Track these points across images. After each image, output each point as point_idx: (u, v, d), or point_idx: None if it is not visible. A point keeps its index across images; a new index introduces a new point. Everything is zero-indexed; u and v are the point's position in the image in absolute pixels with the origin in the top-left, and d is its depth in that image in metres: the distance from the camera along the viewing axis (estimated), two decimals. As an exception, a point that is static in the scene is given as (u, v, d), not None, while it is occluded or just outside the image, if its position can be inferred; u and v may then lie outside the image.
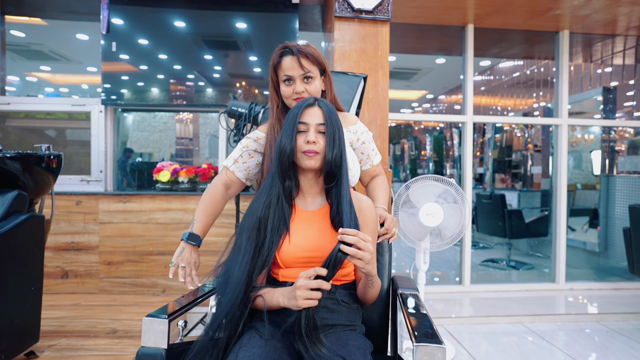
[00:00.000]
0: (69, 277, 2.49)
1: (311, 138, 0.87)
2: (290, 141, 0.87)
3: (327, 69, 1.14)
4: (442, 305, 2.68)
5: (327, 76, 1.14)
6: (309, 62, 1.07)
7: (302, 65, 1.06)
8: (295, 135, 0.88)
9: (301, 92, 1.07)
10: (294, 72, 1.07)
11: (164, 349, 0.74)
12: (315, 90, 1.09)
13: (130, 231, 2.50)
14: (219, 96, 2.75)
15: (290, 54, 1.07)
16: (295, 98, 1.09)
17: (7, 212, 1.45)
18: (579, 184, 4.66)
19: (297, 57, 1.06)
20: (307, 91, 1.08)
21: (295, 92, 1.08)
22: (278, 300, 0.84)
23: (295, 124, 0.88)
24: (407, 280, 1.07)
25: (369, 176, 1.25)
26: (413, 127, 8.65)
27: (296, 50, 1.06)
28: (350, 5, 2.19)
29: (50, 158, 1.74)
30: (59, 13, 2.96)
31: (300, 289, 0.77)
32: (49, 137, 3.11)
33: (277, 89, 1.12)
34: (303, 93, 1.07)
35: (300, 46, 1.07)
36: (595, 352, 2.06)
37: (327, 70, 1.13)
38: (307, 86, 1.08)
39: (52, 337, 1.80)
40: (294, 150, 0.88)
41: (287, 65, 1.07)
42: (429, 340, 0.66)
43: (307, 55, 1.07)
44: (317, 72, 1.10)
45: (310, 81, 1.08)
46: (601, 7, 2.62)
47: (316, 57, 1.09)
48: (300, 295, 0.77)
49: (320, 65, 1.10)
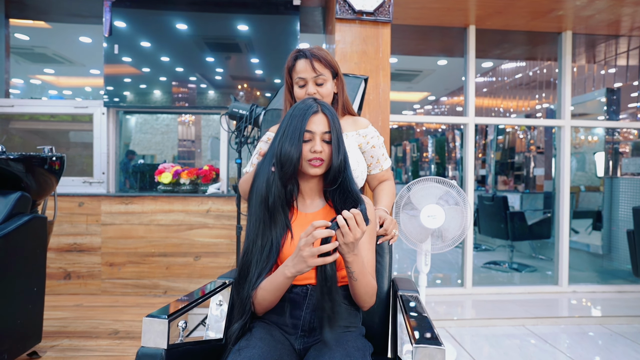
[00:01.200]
0: (71, 278, 2.50)
1: (318, 148, 0.88)
2: (296, 150, 0.87)
3: (340, 73, 1.18)
4: (443, 308, 2.66)
5: (340, 79, 1.18)
6: (321, 66, 1.12)
7: (314, 68, 1.10)
8: (301, 144, 0.87)
9: (313, 94, 1.11)
10: (307, 74, 1.11)
11: (163, 349, 0.74)
12: (327, 92, 1.14)
13: (132, 233, 2.51)
14: (221, 98, 2.76)
15: (304, 57, 1.12)
16: None
17: (10, 214, 1.46)
18: (583, 186, 4.64)
19: (310, 60, 1.10)
20: (318, 93, 1.12)
21: (307, 93, 1.12)
22: (284, 274, 0.81)
23: (302, 132, 0.87)
24: (408, 282, 1.07)
25: (377, 180, 1.27)
26: (415, 129, 8.64)
27: (310, 54, 1.11)
28: (351, 6, 2.20)
29: (53, 160, 1.75)
30: (62, 16, 2.98)
31: (304, 248, 0.76)
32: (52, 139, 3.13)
33: (291, 90, 1.17)
34: (315, 95, 1.11)
35: (313, 50, 1.12)
36: (599, 355, 2.05)
37: (339, 74, 1.18)
38: (319, 88, 1.12)
39: (55, 337, 1.80)
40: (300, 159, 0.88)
41: (301, 68, 1.12)
42: (428, 341, 0.65)
43: (320, 58, 1.11)
44: (329, 75, 1.14)
45: (322, 85, 1.13)
46: (604, 7, 2.62)
47: (329, 60, 1.13)
48: (307, 255, 0.75)
49: (333, 68, 1.15)
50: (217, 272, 2.52)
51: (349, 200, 0.90)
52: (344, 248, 0.78)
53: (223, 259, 2.54)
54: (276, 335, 0.87)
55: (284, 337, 0.89)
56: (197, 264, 2.53)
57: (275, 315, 0.91)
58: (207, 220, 2.53)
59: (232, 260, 2.53)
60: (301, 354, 0.89)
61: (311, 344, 0.89)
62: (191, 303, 0.85)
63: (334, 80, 1.17)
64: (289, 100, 1.18)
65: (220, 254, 2.53)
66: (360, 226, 0.76)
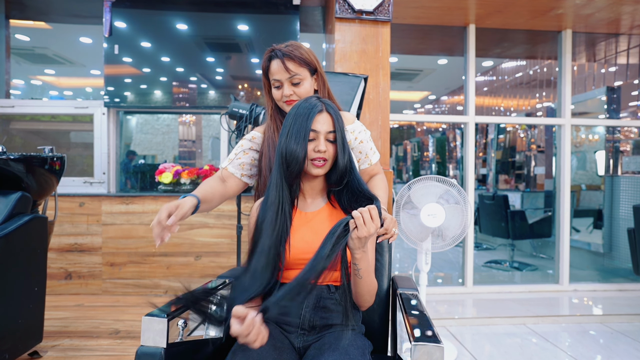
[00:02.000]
0: (72, 278, 2.51)
1: (322, 148, 0.87)
2: (302, 149, 0.86)
3: (319, 68, 1.12)
4: (444, 307, 2.66)
5: (319, 75, 1.12)
6: (295, 64, 1.06)
7: (287, 68, 1.05)
8: (306, 143, 0.87)
9: (289, 95, 1.07)
10: (281, 75, 1.06)
11: (162, 348, 0.74)
12: (305, 92, 1.08)
13: (132, 233, 2.52)
14: (221, 98, 2.77)
15: (275, 57, 1.06)
16: (285, 101, 1.09)
17: (10, 214, 1.47)
18: (584, 184, 4.63)
19: (282, 60, 1.05)
20: (295, 94, 1.07)
21: (283, 95, 1.07)
22: None
23: (307, 132, 0.87)
24: (407, 281, 1.07)
25: (368, 175, 1.25)
26: (416, 129, 8.63)
27: (281, 53, 1.05)
28: (350, 6, 2.20)
29: (54, 160, 1.75)
30: (62, 17, 2.99)
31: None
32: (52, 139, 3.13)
33: (269, 91, 1.13)
34: (292, 96, 1.07)
35: (286, 49, 1.06)
36: (600, 354, 2.05)
37: (318, 70, 1.11)
38: (295, 89, 1.07)
39: (56, 337, 1.81)
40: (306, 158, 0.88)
41: (274, 69, 1.07)
42: (427, 339, 0.66)
43: (293, 57, 1.05)
44: (306, 74, 1.08)
45: (298, 84, 1.07)
46: (604, 5, 2.61)
47: (304, 58, 1.07)
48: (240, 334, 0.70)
49: (309, 65, 1.09)
50: (217, 272, 2.52)
51: (360, 200, 0.90)
52: (356, 243, 0.78)
53: (224, 259, 2.54)
54: (275, 334, 0.88)
55: (283, 335, 0.90)
56: (197, 263, 2.53)
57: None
58: (208, 220, 2.53)
59: (232, 259, 2.54)
60: (301, 352, 0.89)
61: (311, 343, 0.89)
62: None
63: (313, 77, 1.11)
64: (268, 101, 1.14)
65: (221, 254, 2.54)
66: (375, 221, 0.77)
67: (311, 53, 1.10)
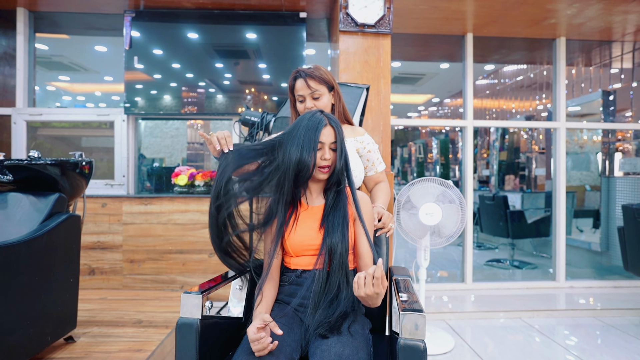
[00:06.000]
0: (95, 274, 2.70)
1: (327, 157, 1.05)
2: (312, 158, 1.03)
3: (336, 86, 1.36)
4: (444, 302, 2.80)
5: (336, 92, 1.36)
6: (315, 82, 1.30)
7: (309, 85, 1.29)
8: (316, 152, 1.04)
9: (311, 107, 1.30)
10: (304, 91, 1.30)
11: (198, 319, 0.90)
12: (324, 105, 1.32)
13: (151, 231, 2.69)
14: (229, 102, 2.92)
15: (300, 77, 1.31)
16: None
17: (50, 213, 1.65)
18: (588, 185, 4.72)
19: (305, 79, 1.29)
20: (316, 107, 1.30)
21: (306, 108, 1.30)
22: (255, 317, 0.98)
23: (316, 143, 1.03)
24: (402, 270, 1.22)
25: (373, 182, 1.46)
26: (420, 130, 8.76)
27: (304, 74, 1.30)
28: (353, 20, 2.36)
29: (83, 164, 1.94)
30: (83, 29, 3.19)
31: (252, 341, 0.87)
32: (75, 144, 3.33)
33: (294, 105, 1.36)
34: (313, 108, 1.30)
35: (308, 70, 1.31)
36: (589, 345, 2.18)
37: (335, 87, 1.35)
38: (315, 102, 1.31)
39: (85, 325, 1.99)
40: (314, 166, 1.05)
41: (299, 86, 1.31)
42: (413, 310, 0.81)
43: (314, 77, 1.30)
44: (324, 90, 1.32)
45: (318, 99, 1.31)
46: (594, 15, 2.74)
47: (323, 78, 1.31)
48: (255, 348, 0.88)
49: (327, 83, 1.32)
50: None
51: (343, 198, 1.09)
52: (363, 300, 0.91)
53: (235, 256, 2.70)
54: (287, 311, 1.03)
55: (294, 312, 1.05)
56: (211, 260, 2.70)
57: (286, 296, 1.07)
58: (221, 220, 2.70)
59: (244, 256, 2.70)
60: (308, 328, 1.05)
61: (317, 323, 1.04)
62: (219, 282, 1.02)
63: (330, 93, 1.34)
64: (293, 114, 1.39)
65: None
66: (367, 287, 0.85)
67: (329, 74, 1.34)
